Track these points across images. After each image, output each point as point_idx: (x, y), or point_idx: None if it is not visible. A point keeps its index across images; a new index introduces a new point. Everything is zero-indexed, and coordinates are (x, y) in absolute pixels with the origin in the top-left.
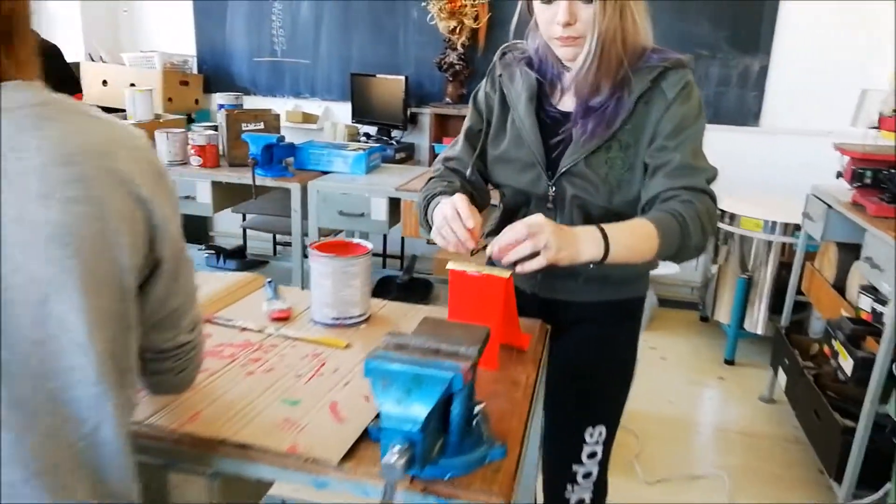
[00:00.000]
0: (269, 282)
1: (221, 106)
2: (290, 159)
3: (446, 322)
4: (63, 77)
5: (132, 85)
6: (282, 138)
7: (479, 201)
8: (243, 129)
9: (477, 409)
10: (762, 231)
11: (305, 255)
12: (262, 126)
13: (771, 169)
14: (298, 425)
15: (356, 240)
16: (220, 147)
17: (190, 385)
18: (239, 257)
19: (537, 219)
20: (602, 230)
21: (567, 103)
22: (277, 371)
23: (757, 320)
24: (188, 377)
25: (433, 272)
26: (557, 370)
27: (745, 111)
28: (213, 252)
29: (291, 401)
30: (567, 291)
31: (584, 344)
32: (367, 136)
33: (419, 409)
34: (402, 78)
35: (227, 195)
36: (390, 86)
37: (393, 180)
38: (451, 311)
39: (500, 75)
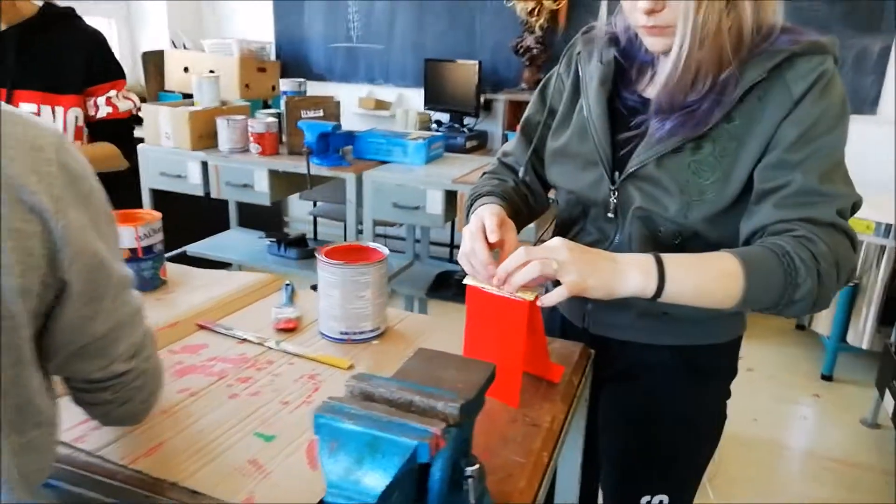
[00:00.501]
0: (287, 285)
1: (285, 93)
2: (349, 148)
3: (443, 356)
4: (104, 63)
5: (211, 72)
6: (338, 127)
7: (533, 206)
8: (302, 116)
9: (469, 470)
10: (873, 234)
11: None
12: (321, 114)
13: (887, 163)
14: (264, 470)
15: (373, 244)
16: (282, 135)
17: (143, 416)
18: (300, 246)
19: (552, 241)
20: (658, 259)
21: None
22: (264, 395)
23: (862, 333)
24: (135, 409)
25: None
26: (611, 418)
27: (861, 97)
28: (274, 240)
29: (266, 436)
30: (619, 328)
31: (641, 395)
32: (439, 123)
33: (374, 481)
34: (476, 63)
35: (284, 184)
36: (464, 71)
37: (452, 172)
38: (468, 335)
39: (580, 53)
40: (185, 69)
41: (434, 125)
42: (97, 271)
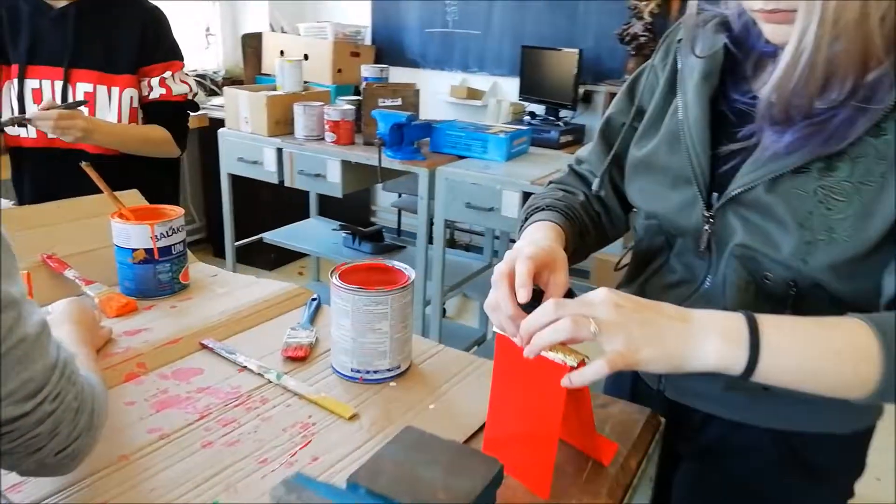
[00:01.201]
0: (313, 299)
1: (366, 79)
2: (426, 140)
3: (433, 444)
4: (158, 42)
5: (305, 57)
6: (413, 117)
7: (606, 228)
8: (379, 104)
9: None
10: None
11: (438, 244)
12: (398, 102)
13: None
14: None
15: (400, 265)
16: (360, 123)
17: (71, 467)
18: (376, 240)
19: (595, 293)
20: (752, 322)
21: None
22: (241, 447)
23: None
24: (52, 461)
25: (593, 280)
26: None
27: None
28: (349, 232)
29: None
30: (703, 398)
31: (728, 484)
32: (533, 115)
33: None
34: (576, 52)
35: (358, 175)
36: (563, 60)
37: (534, 171)
38: (495, 395)
39: (680, 41)
40: (281, 52)
41: (527, 117)
42: None
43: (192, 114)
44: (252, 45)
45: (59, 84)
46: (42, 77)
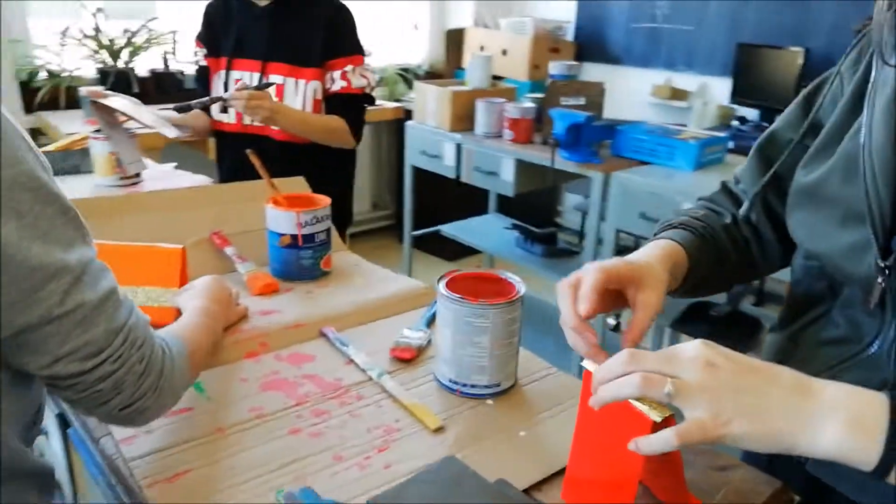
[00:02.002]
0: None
1: (552, 76)
2: (607, 143)
3: (469, 481)
4: (343, 38)
5: (504, 52)
6: (592, 118)
7: (755, 259)
8: (561, 103)
9: None
10: None
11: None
12: (581, 101)
13: None
14: None
15: (513, 278)
16: (541, 122)
17: (141, 421)
18: (549, 242)
19: (690, 344)
20: (894, 406)
21: None
22: (324, 439)
23: None
24: (118, 415)
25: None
26: None
27: None
28: (522, 232)
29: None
30: (849, 480)
31: None
32: (743, 120)
33: None
34: (801, 50)
35: (532, 175)
36: (785, 59)
37: None
38: (578, 431)
39: (883, 41)
40: (481, 47)
41: (736, 122)
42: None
43: (368, 107)
44: (455, 39)
45: (256, 75)
46: (244, 69)
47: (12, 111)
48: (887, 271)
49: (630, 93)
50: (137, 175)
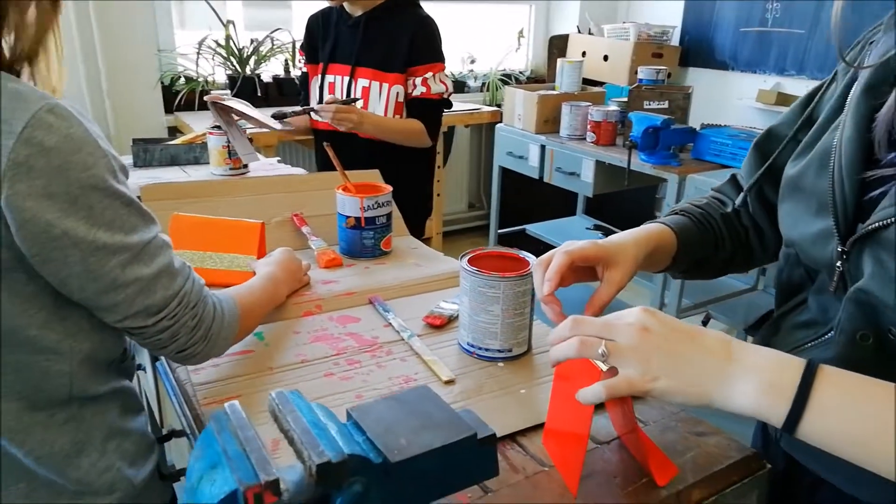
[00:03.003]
0: None
1: (640, 80)
2: (689, 146)
3: (434, 403)
4: (425, 47)
5: (605, 57)
6: (670, 121)
7: (754, 249)
8: (644, 107)
9: None
10: None
11: None
12: (664, 105)
13: None
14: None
15: (531, 257)
16: (622, 125)
17: (193, 361)
18: None
19: (629, 311)
20: (810, 373)
21: None
22: (349, 383)
23: None
24: (176, 357)
25: None
26: None
27: None
28: (603, 233)
29: None
30: (815, 457)
31: None
32: None
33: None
34: None
35: (610, 176)
36: None
37: None
38: (554, 387)
39: (882, 35)
40: (583, 53)
41: None
42: (55, 240)
43: (445, 111)
44: (558, 46)
45: (345, 80)
46: (336, 73)
47: (155, 111)
48: (845, 256)
49: (734, 97)
50: (245, 166)
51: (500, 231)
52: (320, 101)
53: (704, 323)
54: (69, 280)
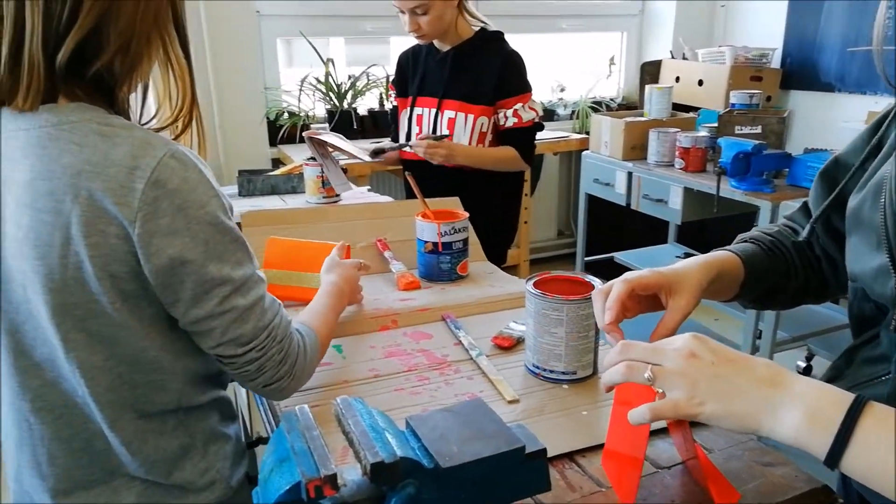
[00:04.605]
0: None
1: (733, 105)
2: (784, 172)
3: (487, 416)
4: (513, 80)
5: (700, 82)
6: (762, 146)
7: (829, 279)
8: (735, 132)
9: None
10: None
11: None
12: (758, 130)
13: None
14: (341, 465)
15: (595, 280)
16: (713, 151)
17: (277, 396)
18: None
19: (678, 337)
20: (856, 407)
21: None
22: (417, 398)
23: None
24: (261, 391)
25: None
26: None
27: None
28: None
29: None
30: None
31: None
32: None
33: (268, 496)
34: None
35: (699, 203)
36: None
37: None
38: (615, 408)
39: (884, 65)
40: (677, 79)
41: None
42: (175, 270)
43: (538, 133)
44: (651, 72)
45: (433, 112)
46: (424, 106)
47: (261, 144)
48: None
49: (842, 121)
50: (338, 195)
51: (587, 259)
52: (409, 133)
53: (808, 359)
54: (178, 305)
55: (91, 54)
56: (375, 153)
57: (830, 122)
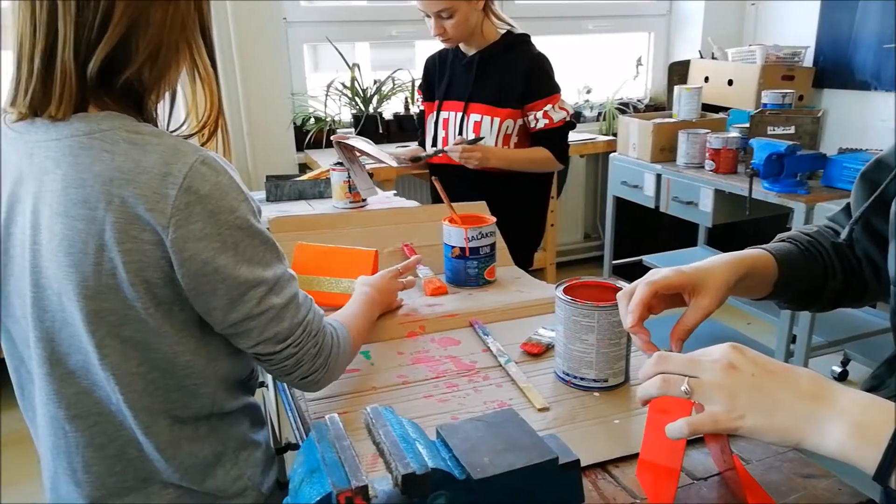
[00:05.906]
0: None
1: (765, 105)
2: (819, 173)
3: (520, 427)
4: (540, 83)
5: (729, 82)
6: (795, 147)
7: (869, 283)
8: (768, 132)
9: None
10: None
11: None
12: (791, 131)
13: None
14: (373, 472)
15: (624, 284)
16: (745, 152)
17: (314, 388)
18: None
19: (716, 347)
20: None
21: None
22: (446, 405)
23: None
24: (298, 384)
25: None
26: None
27: None
28: None
29: None
30: None
31: None
32: None
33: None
34: None
35: (730, 205)
36: None
37: None
38: (649, 418)
39: None
40: (706, 79)
41: None
42: (208, 275)
43: (571, 131)
44: (679, 72)
45: (458, 115)
46: (450, 109)
47: (288, 149)
48: None
49: (879, 120)
50: (364, 200)
51: (615, 262)
52: (435, 136)
53: (844, 364)
54: (214, 311)
55: (121, 63)
56: (413, 160)
57: (866, 121)
